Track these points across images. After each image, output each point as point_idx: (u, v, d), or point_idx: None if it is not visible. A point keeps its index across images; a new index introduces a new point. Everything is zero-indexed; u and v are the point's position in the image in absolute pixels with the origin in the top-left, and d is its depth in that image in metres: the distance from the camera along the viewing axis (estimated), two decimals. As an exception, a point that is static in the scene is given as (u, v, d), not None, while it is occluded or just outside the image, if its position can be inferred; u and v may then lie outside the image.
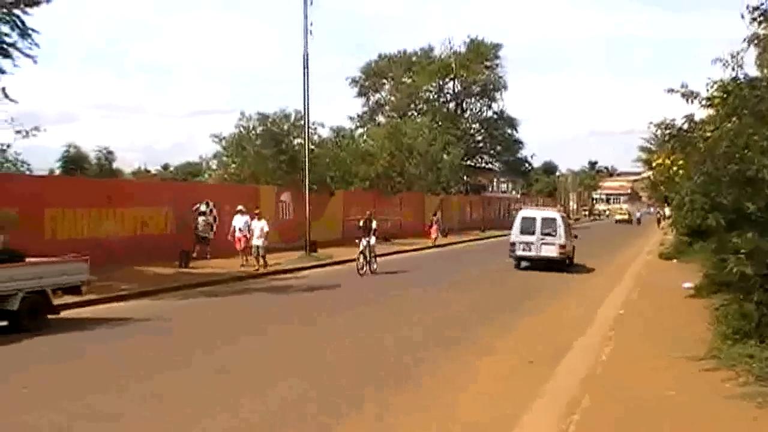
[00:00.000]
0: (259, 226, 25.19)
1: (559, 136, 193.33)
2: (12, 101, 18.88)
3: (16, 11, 19.01)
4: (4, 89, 18.97)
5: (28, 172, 23.29)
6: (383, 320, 15.37)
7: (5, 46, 19.36)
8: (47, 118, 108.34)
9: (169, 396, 9.23)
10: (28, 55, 19.60)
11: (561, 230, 26.54)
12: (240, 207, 26.40)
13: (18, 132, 18.17)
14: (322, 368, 10.68)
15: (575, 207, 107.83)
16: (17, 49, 19.44)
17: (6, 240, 16.97)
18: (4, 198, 19.60)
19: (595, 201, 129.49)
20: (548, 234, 26.34)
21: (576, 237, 29.36)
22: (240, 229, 25.68)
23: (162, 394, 9.30)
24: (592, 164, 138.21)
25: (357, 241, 25.02)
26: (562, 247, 26.36)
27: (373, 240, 24.86)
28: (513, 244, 26.99)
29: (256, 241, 25.04)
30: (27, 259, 14.78)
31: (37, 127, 18.63)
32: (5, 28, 19.18)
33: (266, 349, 12.27)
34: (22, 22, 19.25)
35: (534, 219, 26.93)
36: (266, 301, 18.64)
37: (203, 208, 27.45)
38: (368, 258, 24.66)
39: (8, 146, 18.86)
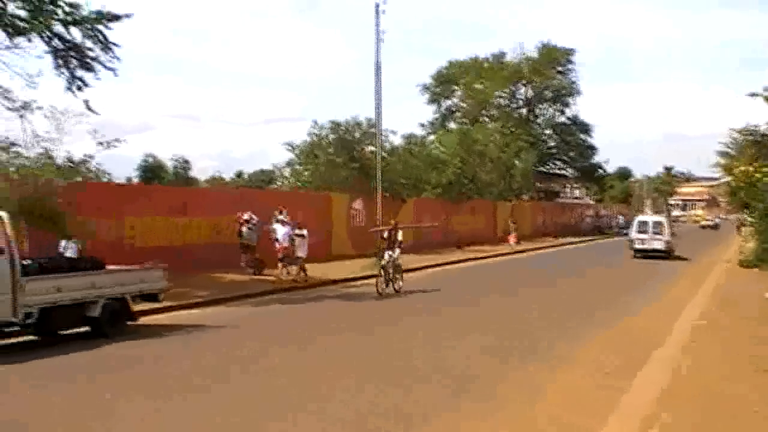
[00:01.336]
0: (301, 233, 23.98)
1: (634, 140, 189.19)
2: (94, 113, 19.41)
3: (99, 26, 19.55)
4: (86, 102, 19.51)
5: (106, 181, 23.88)
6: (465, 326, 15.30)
7: (88, 60, 19.93)
8: (125, 128, 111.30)
9: (251, 400, 9.33)
10: (109, 68, 20.17)
11: (666, 230, 36.77)
12: (280, 216, 24.81)
13: (100, 144, 18.64)
14: (394, 376, 10.66)
15: (650, 212, 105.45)
16: (99, 62, 20.00)
17: (82, 248, 17.50)
18: (86, 206, 20.18)
19: (671, 207, 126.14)
20: (657, 232, 36.44)
21: (675, 235, 38.28)
22: (278, 240, 24.13)
23: (242, 399, 9.41)
24: (668, 169, 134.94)
25: (378, 254, 22.14)
26: (667, 242, 36.27)
27: (397, 253, 21.76)
28: (632, 240, 37.10)
29: (300, 252, 23.81)
30: (108, 267, 15.22)
31: (118, 139, 19.10)
32: (88, 43, 19.75)
33: (341, 355, 12.31)
34: (104, 36, 19.80)
35: (647, 222, 37.77)
36: (338, 308, 18.72)
37: (245, 217, 25.82)
38: (391, 275, 21.45)
39: (91, 157, 19.34)
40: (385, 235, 22.20)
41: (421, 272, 28.88)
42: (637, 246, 36.29)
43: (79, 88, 20.04)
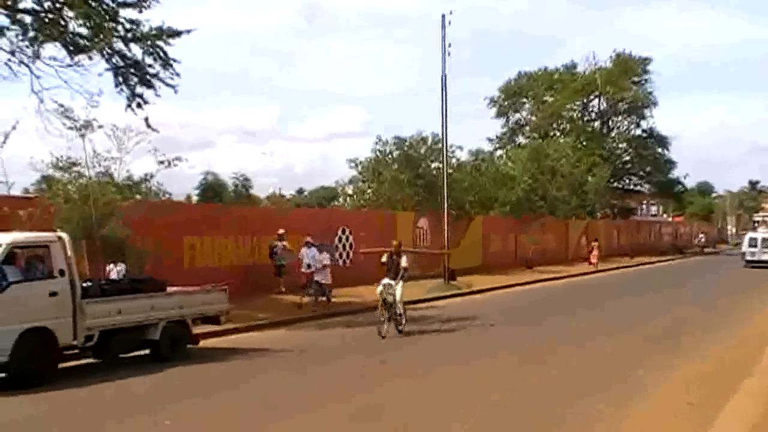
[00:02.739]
0: (320, 258, 22.59)
1: (717, 154, 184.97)
2: (154, 131, 19.75)
3: (159, 43, 19.95)
4: (147, 119, 19.87)
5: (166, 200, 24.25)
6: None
7: (148, 77, 20.34)
8: (185, 144, 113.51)
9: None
10: (169, 85, 20.53)
11: None
12: (308, 238, 23.37)
13: (161, 162, 18.98)
14: (472, 410, 10.53)
15: (734, 230, 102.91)
16: (159, 79, 20.39)
17: (126, 269, 17.66)
18: (146, 227, 20.48)
19: (757, 224, 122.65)
20: (765, 247, 45.17)
21: None
22: (309, 264, 22.62)
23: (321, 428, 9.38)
24: (753, 184, 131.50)
25: (379, 286, 17.73)
26: None
27: (399, 288, 17.61)
28: (744, 253, 46.58)
29: (318, 276, 22.31)
30: (168, 289, 15.42)
31: (179, 157, 19.40)
32: (149, 60, 20.15)
33: (419, 387, 12.21)
34: (165, 53, 20.18)
35: (757, 238, 46.45)
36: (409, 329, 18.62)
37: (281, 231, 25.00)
38: (392, 310, 17.48)
39: (151, 176, 19.69)
40: (384, 259, 18.21)
41: (486, 294, 28.69)
42: (749, 258, 45.36)
43: (139, 106, 20.42)
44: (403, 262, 17.97)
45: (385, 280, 17.56)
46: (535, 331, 18.58)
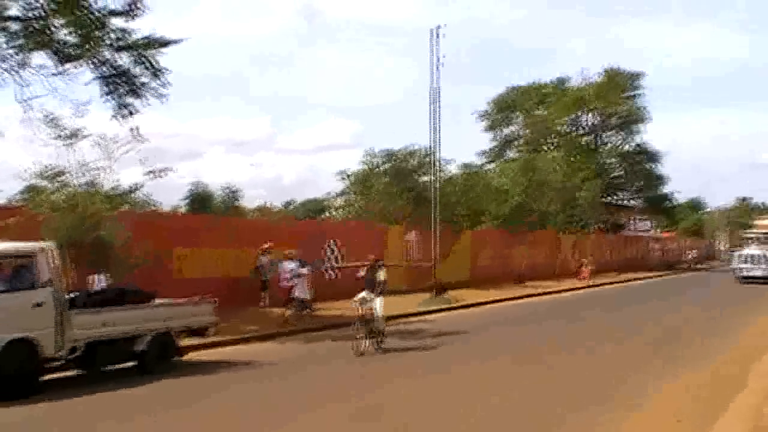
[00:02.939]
0: (299, 272, 22.28)
1: (707, 169, 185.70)
2: (142, 141, 19.64)
3: (148, 52, 19.88)
4: (135, 129, 19.76)
5: (154, 210, 24.15)
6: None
7: (137, 87, 20.26)
8: (173, 155, 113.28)
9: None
10: (159, 95, 20.44)
11: (764, 260, 45.43)
12: (288, 251, 23.29)
13: (150, 172, 18.86)
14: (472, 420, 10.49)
15: (725, 246, 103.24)
16: (149, 89, 20.31)
17: (108, 281, 17.54)
18: (134, 237, 20.31)
19: (749, 240, 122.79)
20: (760, 262, 45.56)
21: None
22: (288, 278, 22.56)
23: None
24: (742, 200, 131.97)
25: (353, 301, 17.14)
26: (765, 270, 44.99)
27: (378, 303, 16.97)
28: (735, 269, 46.93)
29: (296, 291, 22.03)
30: (156, 300, 15.33)
31: (167, 167, 19.27)
32: (137, 69, 20.08)
33: (406, 400, 12.16)
34: (154, 62, 20.11)
35: (753, 254, 46.66)
36: (394, 346, 18.56)
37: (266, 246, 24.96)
38: (369, 326, 16.73)
39: (140, 186, 19.57)
40: (362, 273, 17.51)
41: (476, 309, 28.66)
42: (744, 274, 45.77)
43: (128, 115, 20.33)
44: (381, 276, 17.19)
45: (362, 294, 16.94)
46: (529, 346, 18.55)
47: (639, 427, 10.37)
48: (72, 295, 13.88)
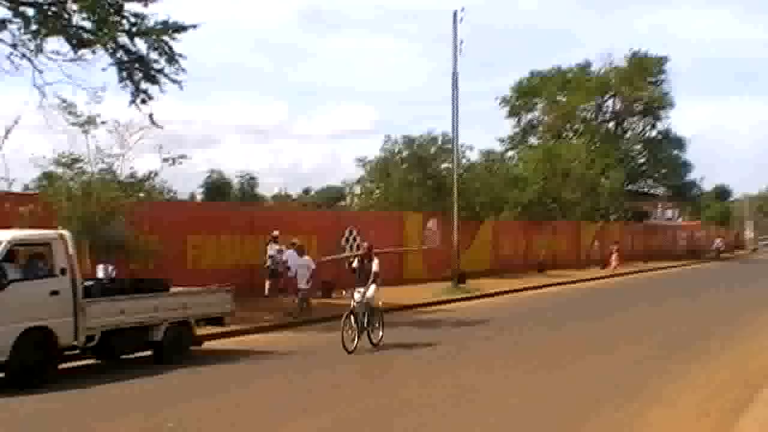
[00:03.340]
0: (302, 264, 21.20)
1: (735, 156, 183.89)
2: (158, 127, 19.74)
3: (164, 37, 19.92)
4: (151, 115, 19.86)
5: (170, 198, 24.27)
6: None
7: (153, 73, 20.32)
8: (189, 142, 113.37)
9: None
10: (175, 81, 20.48)
11: None
12: (294, 240, 22.68)
13: (165, 160, 18.91)
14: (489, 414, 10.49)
15: (752, 236, 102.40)
16: (165, 74, 20.36)
17: (112, 271, 17.52)
18: (150, 225, 20.40)
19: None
20: None
21: None
22: (289, 267, 22.06)
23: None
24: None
25: (343, 293, 17.13)
26: None
27: (371, 291, 16.09)
28: None
29: (302, 284, 20.97)
30: (171, 289, 15.41)
31: (183, 155, 19.29)
32: (154, 55, 20.14)
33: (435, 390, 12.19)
34: (170, 48, 20.16)
35: None
36: (412, 335, 18.57)
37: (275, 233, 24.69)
38: (362, 323, 15.68)
39: (155, 174, 19.60)
40: (355, 264, 16.58)
41: (496, 298, 28.65)
42: None
43: (144, 102, 20.40)
44: (374, 266, 16.25)
45: (357, 290, 15.92)
46: (551, 337, 18.51)
47: (666, 420, 10.32)
48: (88, 283, 13.97)
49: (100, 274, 17.02)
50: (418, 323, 20.49)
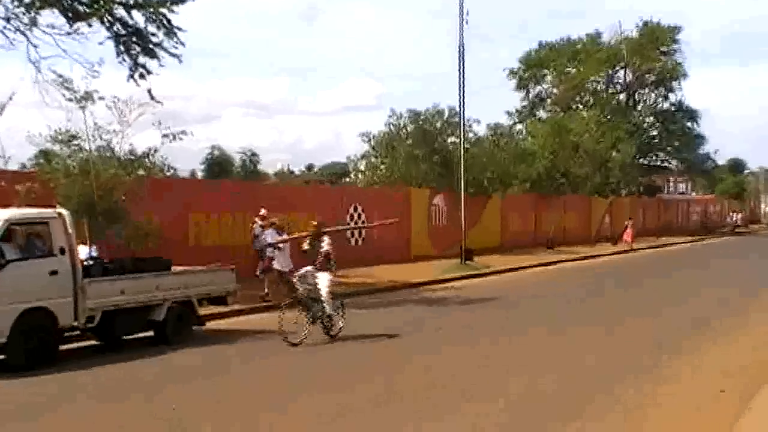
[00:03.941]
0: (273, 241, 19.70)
1: (750, 128, 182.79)
2: (158, 103, 19.62)
3: (163, 10, 19.79)
4: (150, 91, 19.75)
5: (170, 175, 24.17)
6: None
7: (151, 46, 20.21)
8: (190, 118, 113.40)
9: (336, 417, 9.28)
10: (174, 55, 20.36)
11: None
12: (273, 219, 21.21)
13: (165, 136, 18.82)
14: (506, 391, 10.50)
15: (767, 209, 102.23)
16: (163, 48, 20.25)
17: (96, 250, 17.32)
18: (150, 203, 20.36)
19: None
20: None
21: None
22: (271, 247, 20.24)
23: (324, 414, 9.37)
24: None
25: (293, 278, 15.14)
26: None
27: (326, 278, 14.31)
28: None
29: (277, 264, 19.51)
30: (173, 268, 15.41)
31: (184, 131, 19.15)
32: (152, 28, 20.02)
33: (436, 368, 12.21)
34: (168, 21, 20.04)
35: None
36: (419, 312, 18.59)
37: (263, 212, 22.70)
38: (314, 311, 14.18)
39: (155, 150, 19.52)
40: (305, 246, 14.84)
41: (504, 275, 28.67)
42: None
43: (142, 76, 20.28)
44: (325, 245, 14.44)
45: (304, 269, 14.56)
46: (561, 315, 18.52)
47: (679, 397, 10.33)
48: (88, 262, 13.98)
49: (83, 255, 16.90)
50: (425, 301, 20.54)
